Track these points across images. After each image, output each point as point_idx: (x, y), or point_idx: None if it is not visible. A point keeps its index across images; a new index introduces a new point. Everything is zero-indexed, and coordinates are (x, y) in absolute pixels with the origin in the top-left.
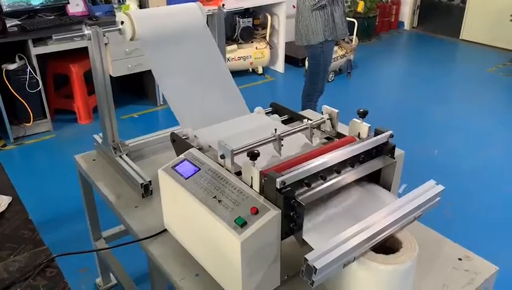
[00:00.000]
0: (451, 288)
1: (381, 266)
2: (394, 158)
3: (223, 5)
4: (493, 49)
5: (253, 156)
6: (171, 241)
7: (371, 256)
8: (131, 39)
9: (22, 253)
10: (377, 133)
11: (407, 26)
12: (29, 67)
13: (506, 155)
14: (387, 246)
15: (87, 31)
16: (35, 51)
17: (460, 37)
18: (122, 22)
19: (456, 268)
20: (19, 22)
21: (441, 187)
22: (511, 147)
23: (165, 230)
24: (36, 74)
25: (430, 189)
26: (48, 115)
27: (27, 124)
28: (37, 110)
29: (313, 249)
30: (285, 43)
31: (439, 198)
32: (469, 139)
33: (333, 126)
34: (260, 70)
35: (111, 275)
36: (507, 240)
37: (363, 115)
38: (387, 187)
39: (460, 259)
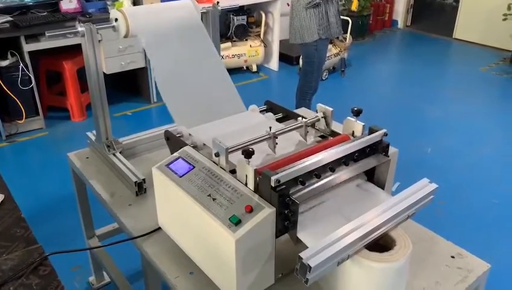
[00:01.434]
0: (444, 285)
1: (375, 264)
2: (388, 156)
3: (218, 2)
4: (486, 48)
5: (248, 154)
6: (165, 240)
7: (365, 254)
8: (125, 36)
9: (15, 251)
10: (371, 131)
11: (400, 24)
12: (21, 64)
13: (499, 153)
14: (381, 244)
15: (80, 28)
16: (27, 47)
17: (453, 36)
18: (116, 19)
19: (449, 266)
20: (11, 18)
21: (434, 185)
22: (503, 145)
23: (159, 228)
24: (28, 71)
25: (423, 187)
26: (40, 112)
27: (19, 121)
28: (30, 107)
29: (308, 247)
30: (280, 41)
31: (432, 196)
32: (462, 138)
33: (327, 124)
34: (254, 68)
35: (104, 273)
36: (499, 238)
37: (357, 113)
38: (381, 185)
39: (453, 257)
